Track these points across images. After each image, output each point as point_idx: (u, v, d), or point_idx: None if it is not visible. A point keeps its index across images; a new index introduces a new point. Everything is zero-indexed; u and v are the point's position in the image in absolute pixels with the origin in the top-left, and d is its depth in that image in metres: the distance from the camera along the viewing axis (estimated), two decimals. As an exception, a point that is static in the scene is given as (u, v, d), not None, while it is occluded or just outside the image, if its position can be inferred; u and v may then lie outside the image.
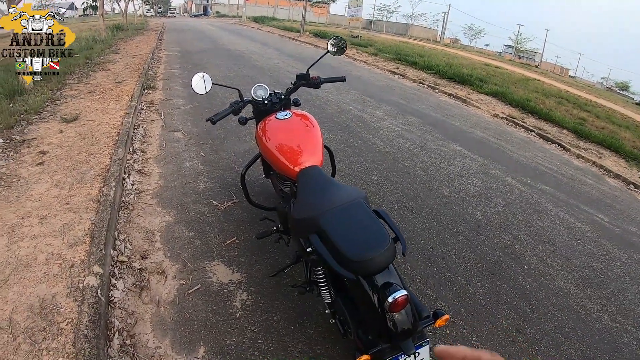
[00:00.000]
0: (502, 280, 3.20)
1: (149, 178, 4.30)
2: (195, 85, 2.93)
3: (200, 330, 2.50)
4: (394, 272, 1.80)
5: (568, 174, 5.97)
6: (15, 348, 2.13)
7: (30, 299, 2.46)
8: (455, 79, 11.85)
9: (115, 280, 2.82)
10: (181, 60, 11.52)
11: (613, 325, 2.91)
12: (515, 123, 8.55)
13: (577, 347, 2.65)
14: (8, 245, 2.91)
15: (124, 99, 6.71)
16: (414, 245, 3.50)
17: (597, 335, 2.78)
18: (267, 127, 2.76)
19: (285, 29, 27.43)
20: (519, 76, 16.17)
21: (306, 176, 2.32)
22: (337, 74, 3.29)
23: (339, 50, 3.15)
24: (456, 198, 4.41)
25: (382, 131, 6.40)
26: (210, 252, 3.21)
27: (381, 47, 17.71)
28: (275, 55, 14.04)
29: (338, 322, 2.18)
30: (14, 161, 4.20)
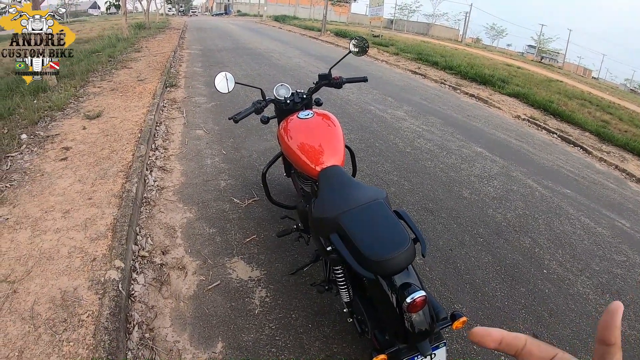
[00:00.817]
0: (520, 284, 3.17)
1: (170, 175, 4.36)
2: (218, 84, 2.95)
3: (218, 326, 2.52)
4: (413, 273, 1.79)
5: (590, 177, 5.87)
6: (36, 338, 2.18)
7: (52, 290, 2.51)
8: (476, 80, 11.72)
9: (136, 275, 2.87)
10: (203, 59, 11.62)
11: (632, 332, 2.85)
12: (537, 125, 8.43)
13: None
14: (31, 238, 2.98)
15: (147, 96, 6.80)
16: (433, 246, 3.49)
17: None
18: (289, 127, 2.78)
19: (306, 28, 27.45)
20: (541, 77, 15.97)
21: (327, 176, 2.33)
22: (358, 74, 3.29)
23: (360, 50, 3.15)
24: (476, 200, 4.38)
25: (403, 131, 6.37)
26: (230, 249, 3.24)
27: (402, 47, 17.61)
28: (297, 54, 14.07)
29: (356, 322, 2.18)
30: (37, 156, 4.29)
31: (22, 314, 2.32)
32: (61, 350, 2.12)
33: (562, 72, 28.06)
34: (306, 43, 18.99)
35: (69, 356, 2.10)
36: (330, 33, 23.01)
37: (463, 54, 19.00)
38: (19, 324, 2.26)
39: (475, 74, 11.97)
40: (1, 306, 2.36)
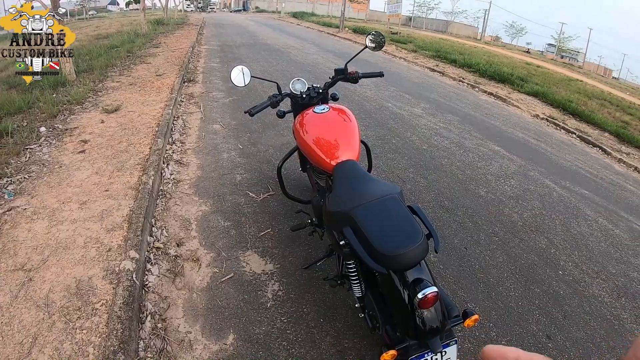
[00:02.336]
0: (535, 284, 3.12)
1: (187, 168, 4.39)
2: (234, 78, 2.97)
3: (230, 318, 2.54)
4: (425, 269, 1.78)
5: (608, 178, 5.77)
6: (50, 325, 2.21)
7: (67, 279, 2.55)
8: (495, 78, 11.59)
9: (150, 266, 2.91)
10: (221, 55, 11.71)
11: None
12: (556, 124, 8.31)
13: (608, 358, 2.55)
14: (48, 228, 3.03)
15: (164, 91, 6.86)
16: (448, 244, 3.46)
17: (629, 347, 2.68)
18: (305, 121, 2.77)
19: (324, 24, 27.39)
20: (560, 76, 15.75)
21: (342, 170, 2.32)
22: (376, 70, 3.28)
23: (377, 45, 3.13)
24: (493, 199, 4.33)
25: (420, 129, 6.33)
26: (244, 242, 3.25)
27: (421, 44, 17.49)
28: (314, 50, 14.06)
29: (367, 317, 2.17)
30: (56, 149, 4.36)
31: (37, 302, 2.36)
32: (74, 338, 2.16)
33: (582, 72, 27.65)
34: (324, 40, 18.97)
35: (82, 343, 2.13)
36: (349, 30, 22.93)
37: (482, 52, 18.81)
38: (33, 311, 2.30)
39: (494, 72, 11.84)
40: (17, 293, 2.41)
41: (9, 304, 2.33)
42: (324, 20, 30.80)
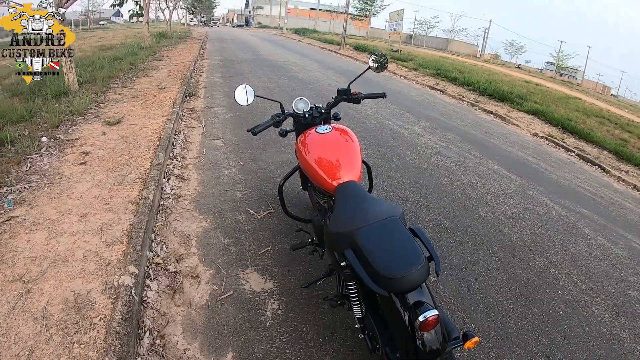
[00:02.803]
0: (534, 304, 3.12)
1: (187, 184, 4.39)
2: (238, 97, 3.00)
3: (229, 336, 2.53)
4: (426, 291, 1.79)
5: (607, 197, 5.80)
6: (47, 339, 2.20)
7: (65, 292, 2.54)
8: (495, 96, 11.70)
9: (149, 281, 2.89)
10: (223, 70, 11.76)
11: None
12: (555, 143, 8.37)
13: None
14: (47, 240, 3.02)
15: (166, 105, 6.89)
16: (448, 264, 3.46)
17: None
18: (307, 141, 2.79)
19: (326, 41, 27.64)
20: (559, 94, 15.87)
21: (344, 191, 2.33)
22: (376, 89, 3.31)
23: (380, 66, 3.16)
24: (492, 218, 4.34)
25: (420, 147, 6.37)
26: (244, 259, 3.24)
27: (421, 62, 17.66)
28: (316, 67, 14.16)
29: (367, 338, 2.17)
30: (57, 159, 4.36)
31: (35, 314, 2.35)
32: (71, 352, 2.14)
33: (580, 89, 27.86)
34: (325, 56, 19.11)
35: (79, 358, 2.11)
36: (350, 47, 23.13)
37: (482, 70, 18.98)
38: (31, 323, 2.28)
39: (494, 91, 11.95)
40: (14, 305, 2.39)
41: (6, 315, 2.31)
42: (326, 37, 31.07)
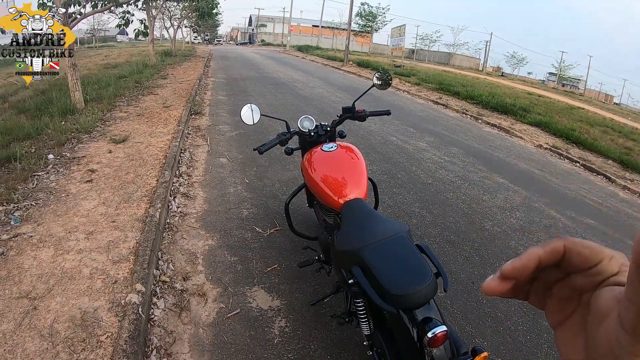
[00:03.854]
0: (542, 317, 3.07)
1: (193, 202, 4.42)
2: (244, 116, 3.02)
3: (236, 354, 2.52)
4: (434, 307, 1.79)
5: (614, 206, 5.77)
6: (53, 356, 2.20)
7: (72, 310, 2.55)
8: (498, 109, 11.72)
9: (156, 299, 2.90)
10: (227, 87, 11.88)
11: None
12: (560, 154, 8.36)
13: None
14: (54, 257, 3.03)
15: (172, 123, 6.94)
16: (455, 279, 3.45)
17: None
18: (313, 159, 2.80)
19: (329, 58, 27.82)
20: (562, 105, 15.91)
21: (350, 208, 2.34)
22: (380, 104, 3.33)
23: (384, 83, 3.19)
24: (498, 232, 4.33)
25: (425, 162, 6.38)
26: (251, 277, 3.25)
27: (424, 77, 17.73)
28: (319, 84, 14.24)
29: (375, 355, 2.16)
30: (63, 177, 4.40)
31: (41, 331, 2.36)
32: (78, 370, 2.14)
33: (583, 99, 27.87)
34: (329, 73, 19.23)
35: (85, 376, 2.11)
36: (353, 63, 23.27)
37: (484, 83, 19.04)
38: (37, 340, 2.29)
39: (497, 104, 11.98)
40: (21, 322, 2.40)
41: (13, 332, 2.32)
42: (329, 54, 31.25)
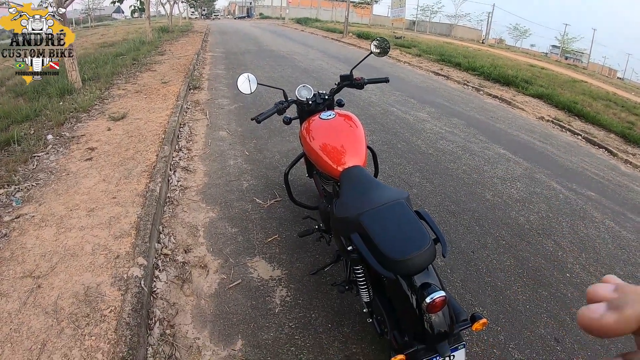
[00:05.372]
0: (542, 287, 3.11)
1: (194, 175, 4.42)
2: (240, 85, 2.99)
3: (238, 324, 2.55)
4: (433, 273, 1.79)
5: (615, 180, 5.75)
6: (58, 332, 2.23)
7: (75, 286, 2.57)
8: (499, 81, 11.58)
9: (158, 272, 2.92)
10: (226, 62, 11.75)
11: None
12: (561, 126, 8.30)
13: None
14: (56, 235, 3.05)
15: (170, 98, 6.90)
16: (455, 248, 3.46)
17: None
18: (311, 127, 2.78)
19: (328, 30, 27.43)
20: (565, 78, 15.70)
21: (349, 176, 2.33)
22: (380, 75, 3.28)
23: (382, 51, 3.15)
24: (499, 202, 4.33)
25: (426, 133, 6.34)
26: (252, 248, 3.27)
27: (425, 48, 17.49)
28: (319, 56, 14.09)
29: (375, 322, 2.18)
30: (63, 156, 4.40)
31: (46, 308, 2.38)
32: (83, 344, 2.17)
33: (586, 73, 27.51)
34: (328, 45, 19.00)
35: (90, 350, 2.14)
36: (353, 35, 22.96)
37: (486, 55, 18.79)
38: (42, 317, 2.32)
39: (498, 75, 11.82)
40: (26, 300, 2.43)
41: (18, 311, 2.35)
42: (328, 26, 30.80)
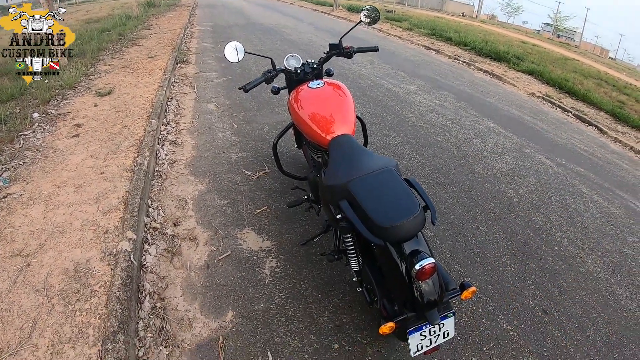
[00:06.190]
0: (531, 260, 3.15)
1: (182, 148, 4.38)
2: (228, 54, 2.94)
3: (229, 295, 2.56)
4: (422, 241, 1.79)
5: (604, 157, 5.76)
6: (49, 309, 2.23)
7: (65, 263, 2.56)
8: (491, 56, 11.48)
9: (147, 246, 2.91)
10: (214, 35, 11.58)
11: None
12: (552, 103, 8.28)
13: (603, 333, 2.58)
14: (44, 213, 3.02)
15: (157, 73, 6.79)
16: (444, 219, 3.48)
17: (624, 323, 2.69)
18: (300, 96, 2.75)
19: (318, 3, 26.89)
20: (557, 55, 15.63)
21: (338, 144, 2.31)
22: None
23: (371, 20, 3.11)
24: (489, 175, 4.34)
25: (416, 106, 6.30)
26: (241, 220, 3.26)
27: (416, 22, 17.27)
28: (309, 29, 13.89)
29: (365, 291, 2.19)
30: (50, 134, 4.33)
31: (36, 286, 2.37)
32: (74, 320, 2.17)
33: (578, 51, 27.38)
34: (318, 18, 18.71)
35: (81, 325, 2.14)
36: (343, 8, 22.59)
37: (478, 30, 18.64)
38: (32, 296, 2.31)
39: (490, 50, 11.72)
40: (15, 279, 2.41)
41: (8, 290, 2.34)
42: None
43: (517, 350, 2.37)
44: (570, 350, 2.42)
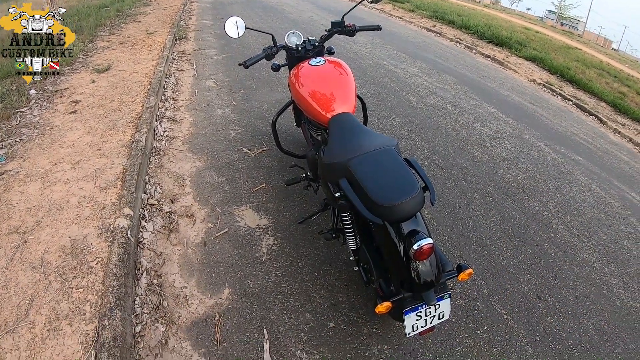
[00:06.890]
0: (527, 245, 3.16)
1: (180, 125, 4.35)
2: (228, 30, 2.91)
3: (225, 273, 2.56)
4: (421, 221, 1.78)
5: (603, 147, 5.75)
6: (46, 286, 2.23)
7: (62, 239, 2.56)
8: (493, 41, 11.37)
9: (144, 222, 2.91)
10: (214, 12, 11.43)
11: (634, 305, 2.82)
12: (553, 90, 8.24)
13: (596, 321, 2.60)
14: (41, 190, 3.02)
15: (156, 49, 6.71)
16: (442, 202, 3.48)
17: (616, 312, 2.71)
18: (300, 73, 2.73)
19: (320, -19, 26.65)
20: (559, 43, 15.51)
21: (337, 122, 2.30)
22: None
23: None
24: (487, 159, 4.33)
25: (416, 88, 6.26)
26: (239, 197, 3.25)
27: (418, 4, 17.05)
28: (310, 8, 13.69)
29: (362, 270, 2.19)
30: (47, 111, 4.30)
31: (33, 263, 2.38)
32: (71, 297, 2.18)
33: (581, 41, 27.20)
34: (319, -4, 18.47)
35: (78, 302, 2.15)
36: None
37: (480, 15, 18.47)
38: (29, 272, 2.32)
39: (492, 35, 11.60)
40: (12, 256, 2.42)
41: (5, 267, 2.34)
42: (320, -22, 29.92)
43: (510, 334, 2.39)
44: (562, 337, 2.45)
